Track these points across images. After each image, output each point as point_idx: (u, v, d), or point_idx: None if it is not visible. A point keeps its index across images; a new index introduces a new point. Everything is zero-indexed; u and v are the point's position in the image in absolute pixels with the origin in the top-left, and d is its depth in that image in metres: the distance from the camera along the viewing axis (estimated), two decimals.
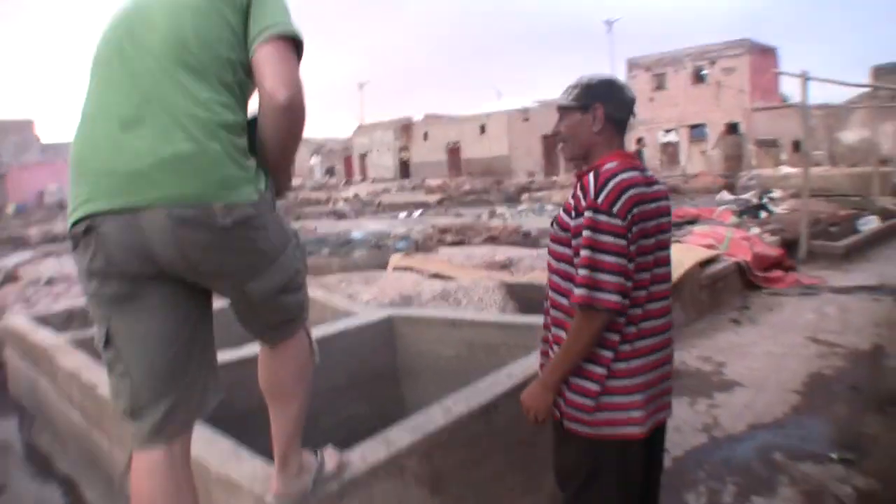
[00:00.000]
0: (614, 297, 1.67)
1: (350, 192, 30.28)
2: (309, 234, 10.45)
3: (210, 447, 2.13)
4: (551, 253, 1.91)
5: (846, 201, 12.31)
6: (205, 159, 1.48)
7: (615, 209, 1.69)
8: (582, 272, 1.70)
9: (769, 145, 30.74)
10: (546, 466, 2.67)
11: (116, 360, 1.62)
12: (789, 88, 38.18)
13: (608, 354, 1.76)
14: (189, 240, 1.49)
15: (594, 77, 1.92)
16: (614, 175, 1.73)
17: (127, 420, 1.66)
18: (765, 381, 4.39)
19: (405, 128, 50.22)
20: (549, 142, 39.78)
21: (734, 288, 6.79)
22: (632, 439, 1.76)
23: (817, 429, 3.66)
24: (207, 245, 1.51)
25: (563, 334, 1.82)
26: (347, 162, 54.69)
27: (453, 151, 46.54)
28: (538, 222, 10.90)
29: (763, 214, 10.48)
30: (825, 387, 4.25)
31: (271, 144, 1.60)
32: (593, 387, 1.76)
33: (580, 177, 1.82)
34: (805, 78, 8.57)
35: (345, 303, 4.17)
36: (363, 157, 52.50)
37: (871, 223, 9.98)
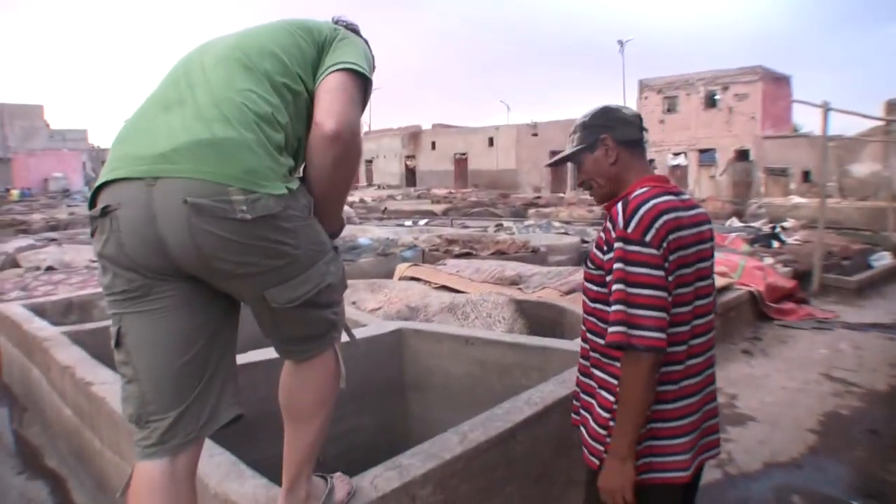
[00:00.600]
0: (654, 335, 1.51)
1: (355, 197, 30.19)
2: None
3: (209, 460, 1.99)
4: (586, 293, 1.78)
5: (858, 235, 12.17)
6: (235, 143, 1.39)
7: (648, 237, 1.55)
8: (615, 308, 1.56)
9: (778, 174, 30.66)
10: (562, 501, 2.54)
11: (125, 363, 1.51)
12: (801, 118, 38.07)
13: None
14: (204, 229, 1.37)
15: (587, 114, 1.83)
16: (645, 201, 1.59)
17: (133, 427, 1.54)
18: (779, 417, 4.25)
19: (413, 136, 50.24)
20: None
21: (746, 318, 6.65)
22: (675, 484, 1.63)
23: (837, 472, 3.52)
24: (225, 238, 1.38)
25: (606, 377, 1.68)
26: None
27: (460, 162, 46.52)
28: (546, 239, 10.76)
29: (775, 244, 10.34)
30: (843, 428, 4.10)
31: (315, 176, 1.55)
32: None
33: (609, 209, 1.70)
34: (826, 109, 8.45)
35: (352, 312, 4.04)
36: (369, 162, 52.47)
37: (883, 259, 9.84)
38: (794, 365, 5.41)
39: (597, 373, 1.73)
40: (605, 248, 1.65)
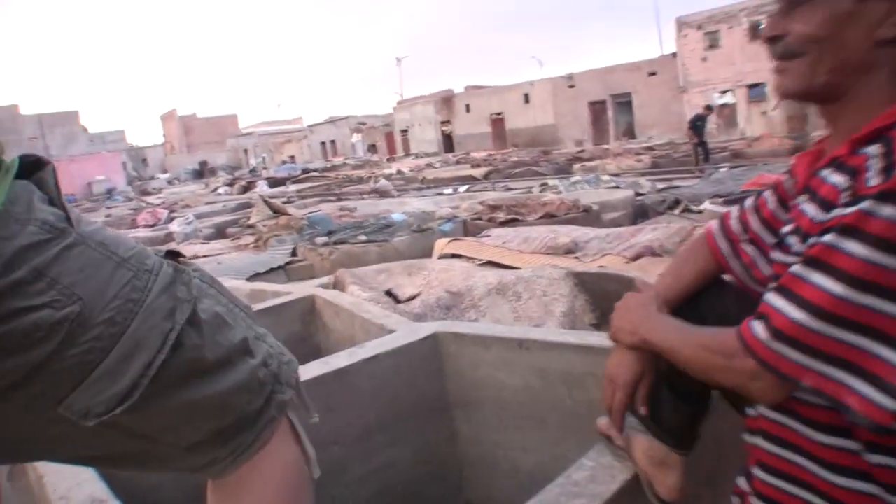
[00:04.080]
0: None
1: (392, 169, 29.51)
2: (345, 219, 9.66)
3: None
4: None
5: None
6: None
7: None
8: (813, 284, 0.87)
9: None
10: None
11: None
12: None
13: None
14: None
15: None
16: None
17: None
18: None
19: (446, 101, 49.17)
20: (597, 108, 38.41)
21: None
22: None
23: None
24: None
25: (796, 457, 0.96)
26: (389, 138, 53.99)
27: (496, 122, 45.40)
28: (596, 195, 9.93)
29: None
30: None
31: None
32: None
33: (853, 145, 0.93)
34: None
35: (378, 313, 3.35)
36: (404, 132, 51.71)
37: None
38: None
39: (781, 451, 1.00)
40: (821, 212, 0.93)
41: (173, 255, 0.89)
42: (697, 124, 17.66)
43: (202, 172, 53.17)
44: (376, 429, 2.69)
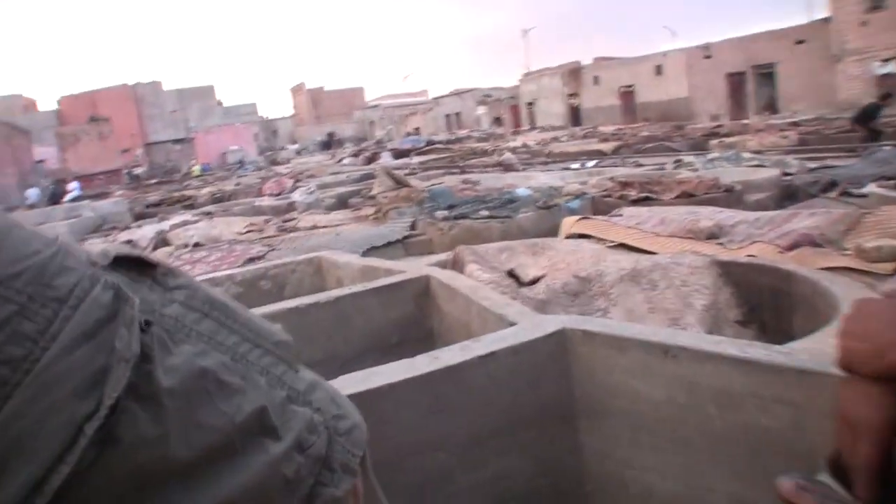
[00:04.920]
0: None
1: (518, 142, 28.95)
2: (467, 193, 9.35)
3: None
4: None
5: None
6: None
7: None
8: None
9: None
10: None
11: None
12: None
13: None
14: None
15: None
16: None
17: None
18: None
19: (573, 73, 47.76)
20: (735, 81, 36.04)
21: None
22: None
23: None
24: None
25: None
26: (514, 111, 53.28)
27: (626, 96, 43.62)
28: (738, 174, 9.11)
29: None
30: None
31: None
32: None
33: None
34: None
35: (498, 300, 3.00)
36: (530, 105, 50.81)
37: None
38: None
39: None
40: None
41: (135, 265, 0.50)
42: (870, 112, 15.52)
43: (329, 143, 54.85)
44: (489, 435, 2.37)
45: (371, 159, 26.00)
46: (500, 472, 2.41)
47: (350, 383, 2.15)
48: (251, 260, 5.99)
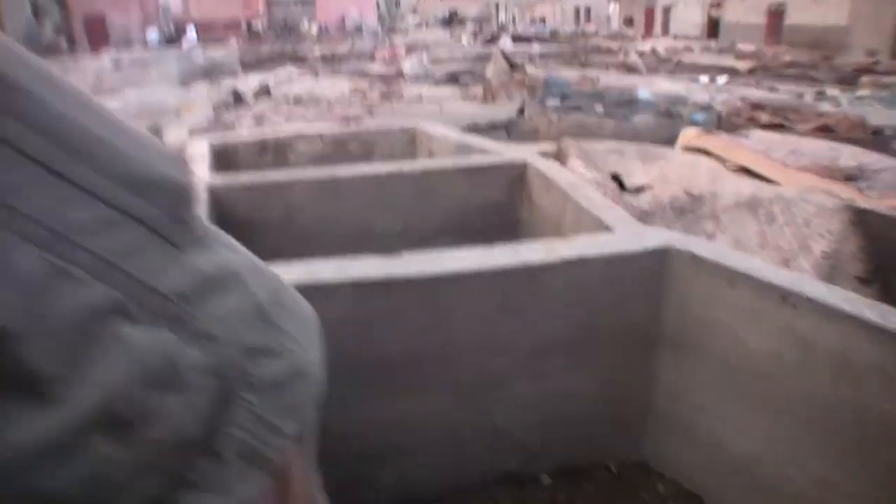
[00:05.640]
0: None
1: (647, 46, 27.22)
2: (585, 87, 8.77)
3: None
4: None
5: None
6: None
7: None
8: None
9: None
10: None
11: None
12: None
13: None
14: None
15: None
16: None
17: None
18: None
19: None
20: None
21: None
22: None
23: None
24: None
25: None
26: (648, 13, 49.94)
27: (775, 15, 39.95)
28: (888, 118, 8.13)
29: None
30: None
31: None
32: None
33: None
34: None
35: (598, 201, 2.67)
36: (667, 10, 47.46)
37: None
38: None
39: None
40: None
41: None
42: None
43: (451, 20, 53.40)
44: (559, 348, 2.13)
45: (490, 41, 25.07)
46: (562, 390, 2.19)
47: (416, 263, 1.93)
48: (346, 120, 5.80)
